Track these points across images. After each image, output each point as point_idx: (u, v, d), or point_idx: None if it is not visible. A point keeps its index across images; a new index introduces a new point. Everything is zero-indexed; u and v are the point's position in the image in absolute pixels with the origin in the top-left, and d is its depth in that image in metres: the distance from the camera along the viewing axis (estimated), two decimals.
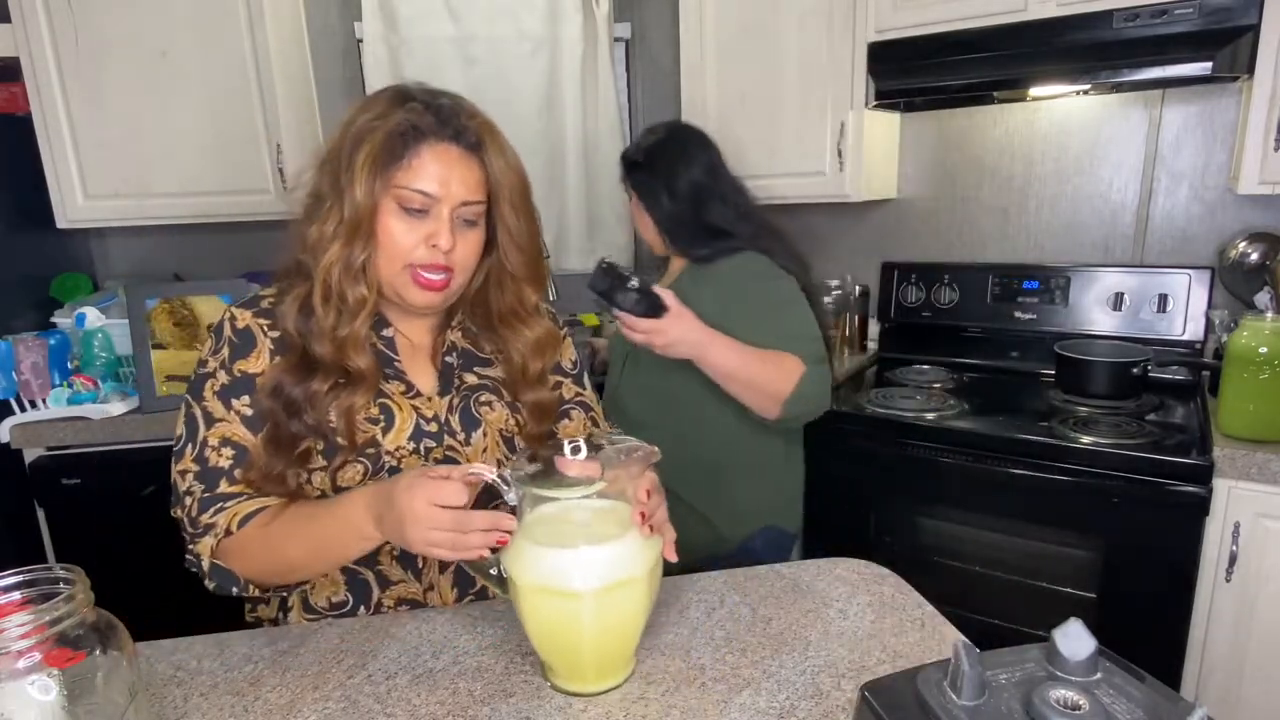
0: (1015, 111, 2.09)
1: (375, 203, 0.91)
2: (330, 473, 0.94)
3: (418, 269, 0.93)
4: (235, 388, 0.94)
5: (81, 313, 2.04)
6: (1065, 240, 2.09)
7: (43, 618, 0.59)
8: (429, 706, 0.77)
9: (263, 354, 0.96)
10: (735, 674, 0.81)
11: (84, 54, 1.99)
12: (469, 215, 0.95)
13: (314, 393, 0.92)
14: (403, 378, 1.00)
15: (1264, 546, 1.45)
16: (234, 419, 0.94)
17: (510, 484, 0.78)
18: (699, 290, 1.42)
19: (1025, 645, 0.56)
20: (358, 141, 0.91)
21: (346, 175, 0.91)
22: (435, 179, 0.91)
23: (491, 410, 1.03)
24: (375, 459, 0.95)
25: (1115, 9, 1.58)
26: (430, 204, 0.92)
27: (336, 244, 0.92)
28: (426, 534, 0.78)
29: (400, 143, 0.91)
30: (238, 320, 0.97)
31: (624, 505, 0.80)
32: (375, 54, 2.38)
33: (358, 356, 0.94)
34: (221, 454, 0.93)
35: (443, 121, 0.93)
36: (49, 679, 0.59)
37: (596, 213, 2.62)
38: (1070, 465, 1.56)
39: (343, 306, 0.93)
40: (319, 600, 0.98)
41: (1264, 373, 1.49)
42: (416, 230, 0.92)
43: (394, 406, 0.98)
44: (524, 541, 0.77)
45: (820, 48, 1.99)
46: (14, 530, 1.89)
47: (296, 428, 0.92)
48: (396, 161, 0.91)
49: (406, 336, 1.03)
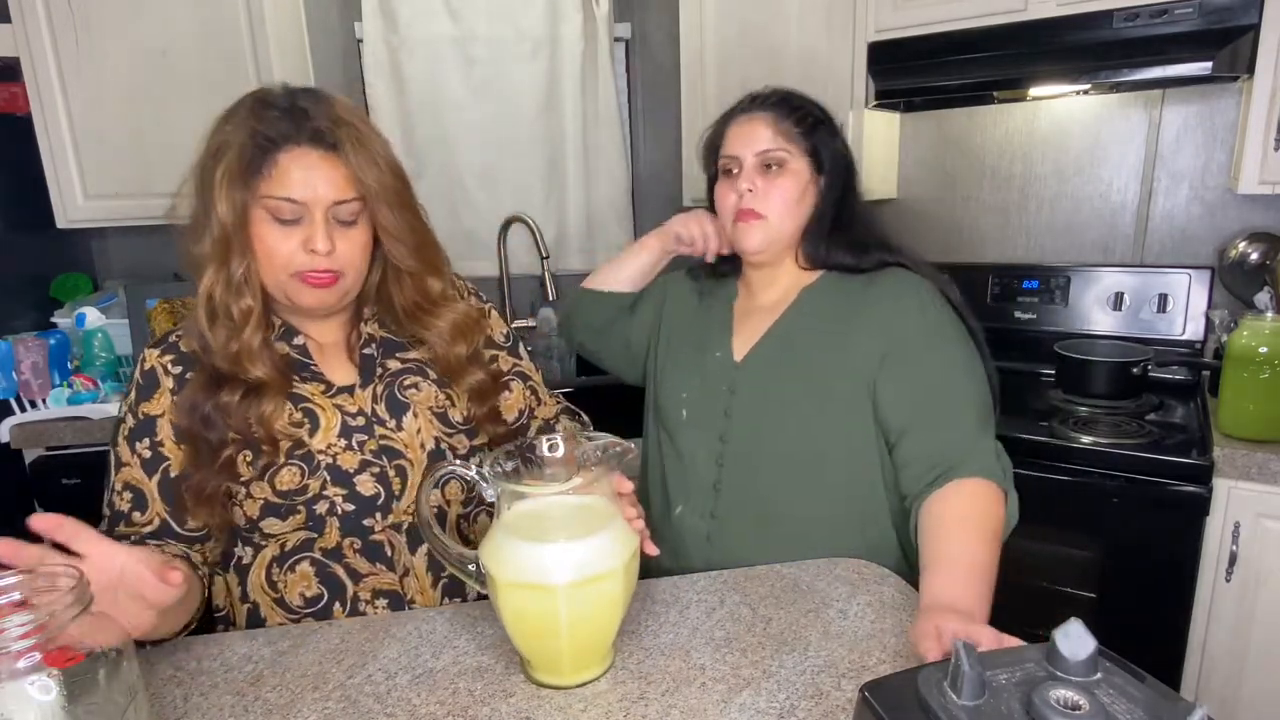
0: (1015, 111, 2.09)
1: (244, 216, 0.91)
2: (266, 480, 0.95)
3: (303, 273, 0.93)
4: (139, 431, 0.96)
5: (81, 313, 2.04)
6: (1065, 240, 2.09)
7: (42, 617, 0.59)
8: (429, 706, 0.77)
9: (163, 395, 0.97)
10: (735, 674, 0.81)
11: (84, 54, 1.99)
12: (344, 215, 0.94)
13: (224, 404, 0.93)
14: (321, 378, 1.01)
15: (1264, 546, 1.45)
16: (135, 463, 0.96)
17: (488, 481, 0.79)
18: (857, 317, 1.11)
19: (1025, 645, 0.56)
20: (216, 157, 0.91)
21: (210, 193, 0.91)
22: (299, 184, 0.91)
23: (418, 391, 1.03)
24: (308, 459, 0.96)
25: (1115, 9, 1.58)
26: (300, 210, 0.92)
27: (211, 265, 0.92)
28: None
29: (258, 153, 0.90)
30: (146, 361, 0.99)
31: (601, 500, 0.81)
32: (375, 54, 2.38)
33: (254, 367, 0.94)
34: (123, 498, 0.96)
35: (297, 126, 0.92)
36: (49, 679, 0.59)
37: (596, 213, 2.62)
38: (1070, 465, 1.56)
39: (230, 323, 0.93)
40: (293, 598, 0.99)
41: (1264, 373, 1.49)
42: (292, 237, 0.92)
43: (316, 408, 0.99)
44: (502, 537, 0.78)
45: (820, 48, 1.99)
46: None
47: (216, 439, 0.93)
48: (257, 172, 0.90)
49: (317, 340, 1.04)
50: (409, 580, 1.01)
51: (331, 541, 0.98)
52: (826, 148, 1.15)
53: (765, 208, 1.13)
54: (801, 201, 1.14)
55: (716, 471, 1.14)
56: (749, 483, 1.12)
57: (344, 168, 0.93)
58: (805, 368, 1.12)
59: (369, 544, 0.99)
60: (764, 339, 1.16)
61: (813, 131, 1.14)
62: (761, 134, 1.13)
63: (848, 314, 1.12)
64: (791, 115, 1.14)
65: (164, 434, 0.96)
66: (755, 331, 1.18)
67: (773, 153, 1.12)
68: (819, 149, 1.14)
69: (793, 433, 1.11)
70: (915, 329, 1.08)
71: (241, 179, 0.90)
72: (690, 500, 1.17)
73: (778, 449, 1.11)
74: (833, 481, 1.10)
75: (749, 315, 1.21)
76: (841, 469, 1.09)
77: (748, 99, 1.19)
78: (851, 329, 1.10)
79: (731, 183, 1.16)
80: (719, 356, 1.19)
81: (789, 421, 1.11)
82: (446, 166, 2.46)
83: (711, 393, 1.17)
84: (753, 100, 1.18)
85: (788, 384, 1.12)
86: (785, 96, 1.17)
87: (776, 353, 1.15)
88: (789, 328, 1.15)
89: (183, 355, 0.98)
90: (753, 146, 1.13)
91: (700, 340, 1.23)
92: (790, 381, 1.12)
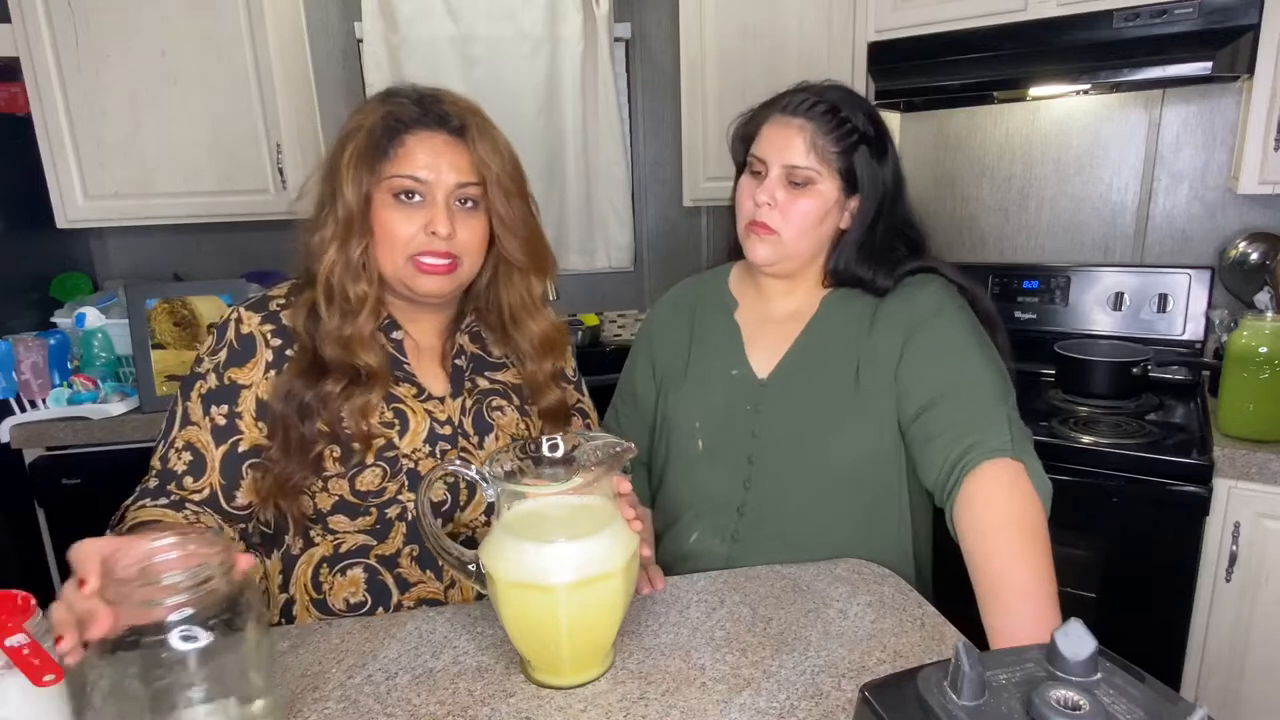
0: (1015, 111, 2.09)
1: (367, 198, 0.92)
2: (348, 478, 0.94)
3: (421, 257, 0.93)
4: (219, 395, 0.94)
5: (81, 313, 2.04)
6: (1065, 240, 2.09)
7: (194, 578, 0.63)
8: (429, 706, 0.77)
9: (259, 364, 0.95)
10: (735, 674, 0.81)
11: (84, 54, 1.99)
12: (466, 198, 0.95)
13: (326, 394, 0.92)
14: (413, 380, 1.01)
15: (1264, 546, 1.45)
16: (205, 425, 0.93)
17: (488, 481, 0.79)
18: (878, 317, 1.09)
19: (1025, 645, 0.56)
20: (344, 142, 0.93)
21: (337, 177, 0.92)
22: (424, 165, 0.92)
23: (504, 415, 1.04)
24: (393, 462, 0.95)
25: (1115, 9, 1.58)
26: (423, 189, 0.93)
27: (334, 245, 0.93)
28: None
29: (384, 136, 0.92)
30: (243, 324, 0.96)
31: (600, 500, 0.81)
32: (375, 54, 2.38)
33: (365, 354, 0.94)
34: (181, 458, 0.93)
35: (424, 110, 0.94)
36: (197, 628, 0.63)
37: (597, 213, 2.62)
38: (1070, 465, 1.55)
39: (346, 306, 0.93)
40: (336, 602, 0.98)
41: (1264, 373, 1.49)
42: (413, 220, 0.93)
43: (407, 410, 0.98)
44: (502, 537, 0.78)
45: (820, 48, 1.99)
46: (14, 530, 1.89)
47: (310, 432, 0.92)
48: (383, 155, 0.92)
49: (415, 339, 1.03)
50: (454, 592, 1.01)
51: (392, 548, 0.98)
52: (865, 169, 1.06)
53: (780, 224, 1.06)
54: (823, 223, 1.07)
55: (742, 494, 1.10)
56: (777, 503, 1.09)
57: (468, 153, 0.95)
58: (834, 377, 1.08)
59: (426, 552, 0.98)
60: (792, 353, 1.11)
61: (852, 150, 1.05)
62: (795, 145, 1.04)
63: (870, 315, 1.09)
64: (834, 131, 1.04)
65: (245, 407, 0.94)
66: (777, 344, 1.12)
67: (801, 170, 1.04)
68: (854, 169, 1.06)
69: (825, 445, 1.07)
70: (932, 317, 1.05)
71: (368, 161, 0.91)
72: (707, 525, 1.12)
73: (810, 464, 1.07)
74: (858, 494, 1.08)
75: (763, 326, 1.15)
76: (868, 478, 1.07)
77: (799, 94, 1.07)
78: (874, 328, 1.08)
79: (754, 185, 1.08)
80: (736, 375, 1.13)
81: (821, 434, 1.07)
82: None
83: (734, 414, 1.11)
84: (803, 97, 1.07)
85: (817, 396, 1.08)
86: (834, 106, 1.05)
87: (805, 366, 1.10)
88: (818, 340, 1.10)
89: (283, 329, 0.97)
90: (782, 157, 1.05)
91: (706, 359, 1.16)
92: (819, 393, 1.08)
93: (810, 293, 1.14)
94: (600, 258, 2.67)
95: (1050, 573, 0.85)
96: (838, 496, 1.08)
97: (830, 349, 1.10)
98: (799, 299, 1.14)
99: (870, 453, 1.07)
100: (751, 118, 1.13)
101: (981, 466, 0.92)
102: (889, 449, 1.06)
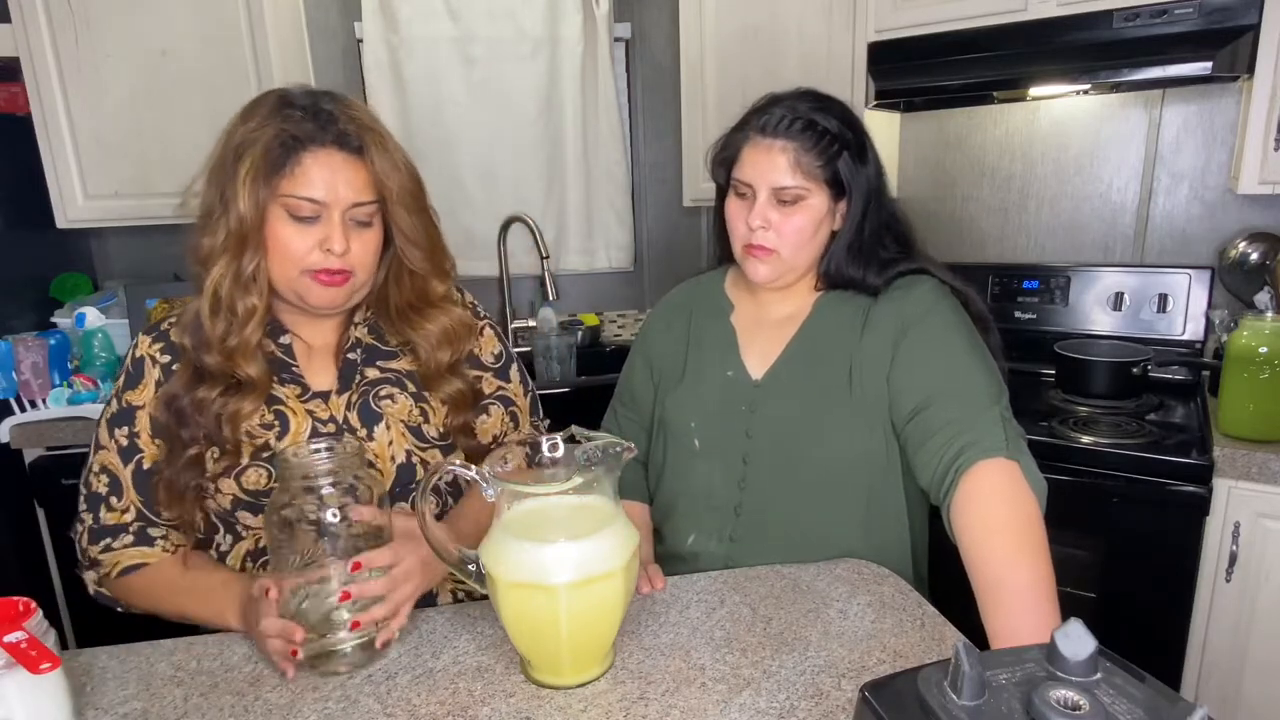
0: (1015, 111, 2.08)
1: (262, 213, 0.92)
2: (233, 478, 0.96)
3: (315, 271, 0.94)
4: (119, 418, 0.99)
5: (81, 313, 2.04)
6: (1065, 240, 2.09)
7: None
8: (429, 706, 0.77)
9: (148, 386, 0.99)
10: (735, 674, 0.81)
11: (84, 54, 1.99)
12: (361, 216, 0.96)
13: (200, 400, 0.94)
14: (300, 381, 1.02)
15: (1264, 546, 1.45)
16: (112, 448, 0.98)
17: (488, 481, 0.79)
18: (870, 317, 1.10)
19: (1025, 645, 0.56)
20: (239, 154, 0.92)
21: (230, 188, 0.91)
22: (321, 185, 0.92)
23: (393, 403, 1.04)
24: (274, 462, 0.96)
25: (1115, 9, 1.58)
26: (319, 210, 0.93)
27: (224, 257, 0.93)
28: (263, 647, 0.85)
29: (281, 152, 0.91)
30: (138, 349, 1.01)
31: (601, 500, 0.81)
32: (375, 54, 2.38)
33: (247, 365, 0.95)
34: (100, 480, 0.98)
35: (322, 127, 0.93)
36: (339, 509, 0.84)
37: (597, 212, 2.62)
38: (1070, 465, 1.55)
39: (232, 317, 0.94)
40: None
41: (1264, 373, 1.49)
42: (308, 236, 0.93)
43: (288, 411, 0.99)
44: (503, 537, 0.78)
45: (820, 48, 1.99)
46: (14, 530, 1.89)
47: (187, 436, 0.95)
48: (279, 171, 0.91)
49: (305, 341, 1.04)
50: None
51: None
52: (849, 172, 1.08)
53: (777, 243, 1.07)
54: (818, 233, 1.09)
55: (738, 495, 1.11)
56: (773, 502, 1.10)
57: (366, 171, 0.95)
58: (826, 378, 1.09)
59: None
60: (785, 355, 1.13)
61: (835, 158, 1.06)
62: (780, 166, 1.05)
63: (863, 316, 1.10)
64: (815, 146, 1.05)
65: (141, 426, 0.98)
66: (771, 347, 1.14)
67: (789, 190, 1.06)
68: (839, 176, 1.07)
69: (819, 446, 1.08)
70: (924, 318, 1.06)
71: (264, 177, 0.91)
72: (705, 526, 1.13)
73: (805, 465, 1.08)
74: (853, 493, 1.08)
75: (758, 329, 1.17)
76: (862, 478, 1.08)
77: (773, 111, 1.07)
78: (866, 329, 1.09)
79: (744, 207, 1.09)
80: (731, 376, 1.14)
81: (815, 435, 1.08)
82: (446, 166, 2.46)
83: (728, 415, 1.13)
84: (780, 115, 1.06)
85: (811, 397, 1.09)
86: (810, 120, 1.05)
87: (799, 367, 1.11)
88: (811, 341, 1.12)
89: (172, 345, 1.00)
90: (769, 180, 1.06)
91: (702, 362, 1.18)
92: (813, 394, 1.09)
93: (804, 296, 1.16)
94: (600, 258, 2.66)
95: (1049, 572, 0.85)
96: (832, 497, 1.08)
97: (823, 350, 1.11)
98: (793, 302, 1.16)
99: (864, 453, 1.07)
100: (727, 142, 1.13)
101: (977, 466, 0.92)
102: (883, 449, 1.07)
